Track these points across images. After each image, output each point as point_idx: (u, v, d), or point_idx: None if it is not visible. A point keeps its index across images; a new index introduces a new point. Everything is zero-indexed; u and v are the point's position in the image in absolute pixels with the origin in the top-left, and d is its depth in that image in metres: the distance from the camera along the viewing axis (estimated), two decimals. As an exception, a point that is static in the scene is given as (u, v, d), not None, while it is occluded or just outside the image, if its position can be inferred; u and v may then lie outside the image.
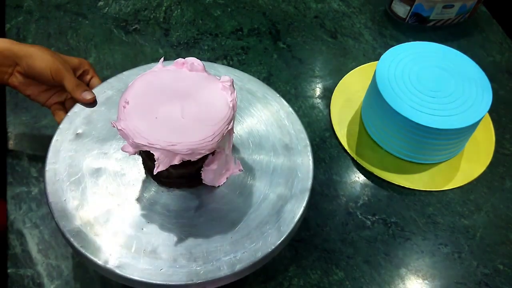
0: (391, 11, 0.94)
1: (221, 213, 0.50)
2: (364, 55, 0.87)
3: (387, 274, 0.62)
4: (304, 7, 0.95)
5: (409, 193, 0.70)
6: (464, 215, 0.68)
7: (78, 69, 0.61)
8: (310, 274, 0.61)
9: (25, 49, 0.57)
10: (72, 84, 0.56)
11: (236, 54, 0.85)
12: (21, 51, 0.57)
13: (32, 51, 0.57)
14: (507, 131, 0.78)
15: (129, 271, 0.45)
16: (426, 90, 0.69)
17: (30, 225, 0.61)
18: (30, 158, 0.67)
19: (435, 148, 0.69)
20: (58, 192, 0.49)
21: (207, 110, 0.45)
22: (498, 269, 0.63)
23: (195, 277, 0.45)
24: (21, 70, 0.57)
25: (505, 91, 0.84)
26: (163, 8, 0.91)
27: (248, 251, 0.47)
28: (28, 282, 0.57)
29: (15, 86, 0.60)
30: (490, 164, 0.73)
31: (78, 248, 0.45)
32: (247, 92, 0.60)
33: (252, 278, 0.60)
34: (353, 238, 0.64)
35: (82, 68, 0.61)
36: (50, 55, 0.57)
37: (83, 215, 0.48)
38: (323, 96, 0.80)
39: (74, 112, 0.56)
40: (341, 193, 0.69)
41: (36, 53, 0.56)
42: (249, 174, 0.53)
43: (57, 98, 0.62)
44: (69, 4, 0.89)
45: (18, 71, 0.58)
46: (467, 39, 0.92)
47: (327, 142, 0.74)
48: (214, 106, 0.46)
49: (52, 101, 0.62)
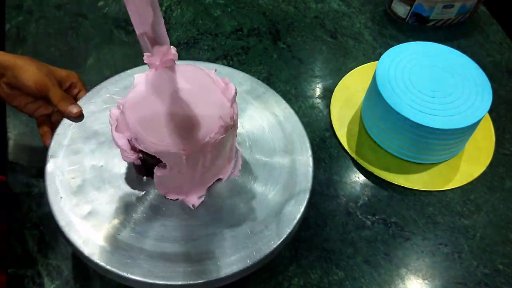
0: (391, 11, 0.94)
1: (221, 213, 0.50)
2: (364, 55, 0.87)
3: (387, 274, 0.62)
4: (304, 7, 0.95)
5: (409, 193, 0.70)
6: (464, 215, 0.68)
7: (66, 81, 0.60)
8: (310, 274, 0.61)
9: (12, 60, 0.56)
10: (58, 97, 0.55)
11: (236, 54, 0.85)
12: (7, 62, 0.56)
13: (18, 62, 0.56)
14: (507, 131, 0.78)
15: (126, 270, 0.45)
16: (426, 90, 0.69)
17: (30, 225, 0.61)
18: (30, 158, 0.67)
19: (435, 148, 0.69)
20: (57, 189, 0.49)
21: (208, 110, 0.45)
22: (498, 269, 0.63)
23: (195, 277, 0.45)
24: (7, 81, 0.56)
25: (505, 91, 0.84)
26: (163, 8, 0.91)
27: (248, 251, 0.47)
28: (28, 282, 0.57)
29: (1, 97, 0.59)
30: (490, 164, 0.73)
31: (77, 246, 0.45)
32: (248, 92, 0.60)
33: (252, 278, 0.59)
34: (353, 238, 0.64)
35: (70, 81, 0.60)
36: (36, 67, 0.56)
37: (81, 213, 0.48)
38: (323, 96, 0.80)
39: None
40: (341, 193, 0.69)
41: (21, 64, 0.55)
42: (249, 175, 0.53)
43: (44, 111, 0.61)
44: (69, 4, 0.89)
45: (4, 82, 0.57)
46: (467, 39, 0.92)
47: (327, 142, 0.74)
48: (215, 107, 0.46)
49: (39, 113, 0.61)
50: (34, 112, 0.61)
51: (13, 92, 0.58)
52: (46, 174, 0.50)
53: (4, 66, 0.56)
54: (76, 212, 0.48)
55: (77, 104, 0.55)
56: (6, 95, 0.58)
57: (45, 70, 0.57)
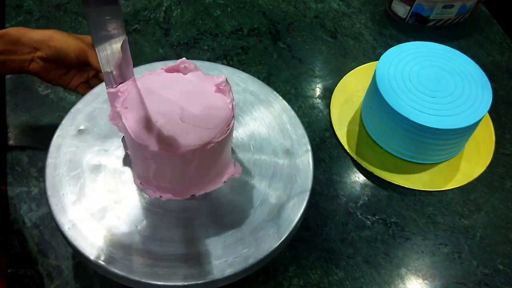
0: (391, 11, 0.94)
1: (221, 213, 0.50)
2: (364, 55, 0.87)
3: (387, 274, 0.62)
4: (304, 7, 0.95)
5: (409, 193, 0.70)
6: (464, 215, 0.68)
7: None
8: (310, 274, 0.61)
9: (43, 33, 0.56)
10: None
11: (236, 54, 0.85)
12: (39, 35, 0.56)
13: (50, 34, 0.56)
14: (507, 131, 0.78)
15: (126, 271, 0.44)
16: (426, 90, 0.69)
17: (30, 225, 0.61)
18: (30, 158, 0.67)
19: (435, 148, 0.69)
20: (57, 186, 0.49)
21: (207, 112, 0.45)
22: (498, 269, 0.63)
23: (194, 278, 0.45)
24: (43, 54, 0.56)
25: (505, 91, 0.84)
26: (163, 8, 0.91)
27: (248, 252, 0.47)
28: (28, 282, 0.57)
29: (37, 72, 0.59)
30: (490, 164, 0.73)
31: (73, 244, 0.45)
32: (248, 93, 0.60)
33: (252, 278, 0.60)
34: (353, 238, 0.64)
35: None
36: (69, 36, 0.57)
37: (79, 210, 0.48)
38: (323, 96, 0.80)
39: (77, 109, 0.56)
40: (341, 193, 0.69)
41: (55, 35, 0.56)
42: (250, 175, 0.53)
43: (80, 79, 0.61)
44: (69, 4, 0.89)
45: (39, 56, 0.57)
46: (467, 39, 0.92)
47: (327, 142, 0.74)
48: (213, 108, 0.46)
49: (75, 82, 0.61)
50: (70, 84, 0.61)
51: (48, 65, 0.58)
52: (46, 174, 0.50)
53: (38, 41, 0.56)
54: (76, 212, 0.48)
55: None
56: (41, 69, 0.58)
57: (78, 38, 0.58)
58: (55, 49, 0.56)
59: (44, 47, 0.56)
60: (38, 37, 0.56)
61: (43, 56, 0.57)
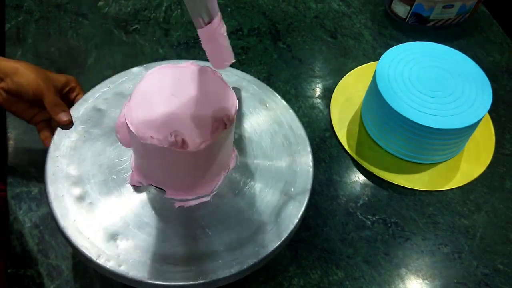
0: (391, 11, 0.94)
1: (221, 213, 0.50)
2: (364, 55, 0.87)
3: (387, 274, 0.62)
4: (304, 7, 0.95)
5: (409, 193, 0.70)
6: (464, 215, 0.68)
7: (65, 86, 0.60)
8: (310, 274, 0.61)
9: (12, 65, 0.56)
10: (51, 103, 0.55)
11: (236, 54, 0.85)
12: (7, 67, 0.55)
13: (17, 67, 0.55)
14: (507, 131, 0.78)
15: (126, 271, 0.45)
16: (426, 90, 0.69)
17: (30, 225, 0.61)
18: (30, 158, 0.67)
19: (435, 148, 0.69)
20: (57, 186, 0.49)
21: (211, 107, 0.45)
22: (498, 269, 0.63)
23: (194, 277, 0.45)
24: (5, 86, 0.56)
25: (505, 91, 0.84)
26: (163, 8, 0.91)
27: (248, 252, 0.47)
28: (28, 282, 0.57)
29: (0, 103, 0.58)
30: (490, 164, 0.73)
31: (76, 245, 0.45)
32: (248, 93, 0.60)
33: (252, 278, 0.60)
34: (353, 238, 0.64)
35: (68, 86, 0.60)
36: (34, 72, 0.56)
37: (81, 212, 0.48)
38: (323, 96, 0.80)
39: (76, 109, 0.56)
40: (341, 193, 0.69)
41: (21, 70, 0.55)
42: (249, 175, 0.53)
43: (42, 116, 0.61)
44: (69, 4, 0.89)
45: (2, 87, 0.56)
46: (467, 39, 0.92)
47: (327, 142, 0.74)
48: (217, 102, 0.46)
49: (38, 118, 0.61)
50: (33, 118, 0.61)
51: (12, 97, 0.57)
52: (46, 174, 0.50)
53: (5, 73, 0.55)
54: (76, 212, 0.48)
55: (68, 112, 0.55)
56: (4, 100, 0.57)
57: (43, 75, 0.56)
58: (17, 83, 0.55)
59: (8, 79, 0.55)
60: (5, 68, 0.55)
61: (5, 88, 0.56)
